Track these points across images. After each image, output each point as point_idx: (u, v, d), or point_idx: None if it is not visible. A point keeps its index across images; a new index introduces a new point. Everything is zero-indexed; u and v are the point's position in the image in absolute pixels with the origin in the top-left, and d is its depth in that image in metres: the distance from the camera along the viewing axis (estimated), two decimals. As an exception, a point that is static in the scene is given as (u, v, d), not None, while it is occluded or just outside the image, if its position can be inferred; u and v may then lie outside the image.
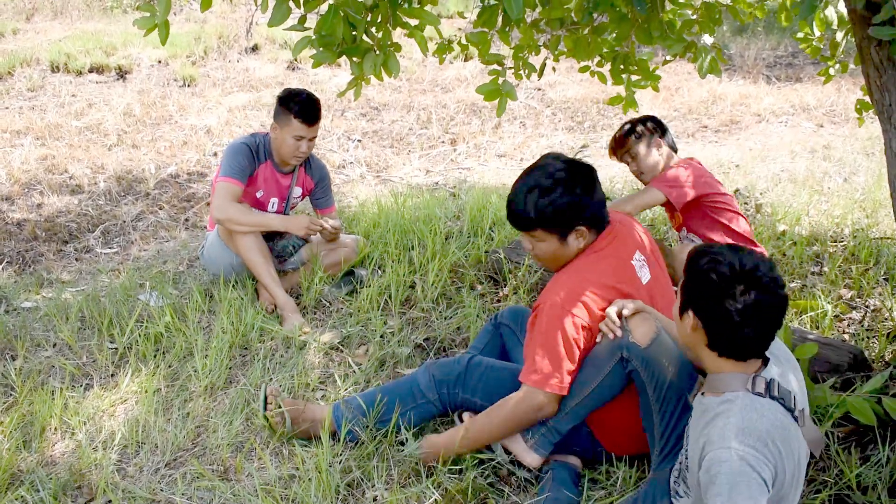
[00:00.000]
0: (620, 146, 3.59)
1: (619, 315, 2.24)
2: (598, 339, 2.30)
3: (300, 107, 3.52)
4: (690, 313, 1.88)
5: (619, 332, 2.21)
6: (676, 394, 2.16)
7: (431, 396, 2.58)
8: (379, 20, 3.05)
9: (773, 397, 1.79)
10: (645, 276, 2.43)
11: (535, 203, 2.31)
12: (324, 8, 2.86)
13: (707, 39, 3.63)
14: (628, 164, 3.63)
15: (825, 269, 3.88)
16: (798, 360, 2.31)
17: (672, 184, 3.44)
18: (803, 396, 1.93)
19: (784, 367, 1.92)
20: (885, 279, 3.75)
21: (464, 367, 2.58)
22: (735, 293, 1.78)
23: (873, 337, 3.23)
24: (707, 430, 1.80)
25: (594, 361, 2.28)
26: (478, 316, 3.41)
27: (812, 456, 1.92)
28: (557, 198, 2.30)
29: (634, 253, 2.43)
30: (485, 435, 2.43)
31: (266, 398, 2.63)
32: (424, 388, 2.59)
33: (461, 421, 2.57)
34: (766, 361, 1.89)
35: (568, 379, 2.29)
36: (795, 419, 1.81)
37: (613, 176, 5.68)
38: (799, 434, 1.81)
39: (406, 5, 2.94)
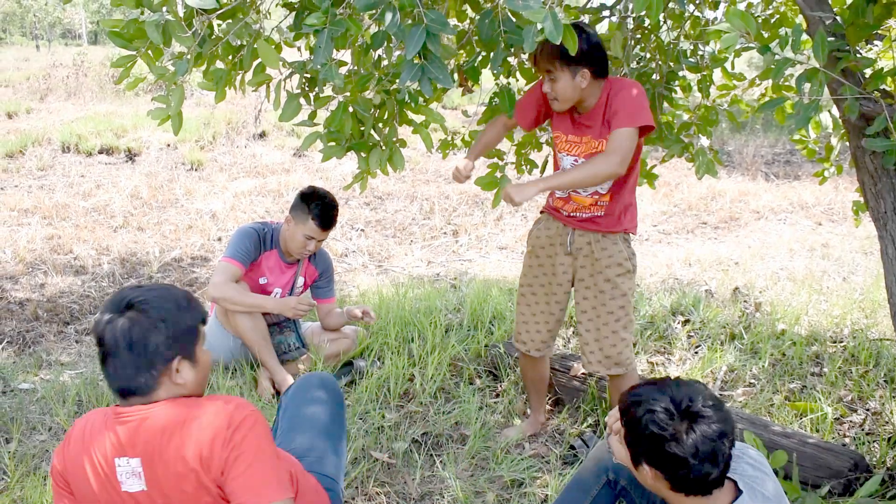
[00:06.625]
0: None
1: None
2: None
3: (320, 210, 3.58)
4: (645, 465, 1.87)
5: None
6: None
7: None
8: (386, 117, 3.14)
9: None
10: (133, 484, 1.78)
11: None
12: (333, 104, 2.95)
13: (704, 142, 3.72)
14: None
15: (825, 369, 3.87)
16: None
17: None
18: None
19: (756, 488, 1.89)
20: (886, 381, 3.74)
21: None
22: (680, 436, 1.76)
23: (874, 441, 3.21)
24: None
25: (580, 485, 2.23)
26: (476, 411, 3.39)
27: None
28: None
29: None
30: None
31: None
32: None
33: None
34: (737, 487, 1.86)
35: None
36: None
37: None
38: None
39: (412, 103, 3.03)
